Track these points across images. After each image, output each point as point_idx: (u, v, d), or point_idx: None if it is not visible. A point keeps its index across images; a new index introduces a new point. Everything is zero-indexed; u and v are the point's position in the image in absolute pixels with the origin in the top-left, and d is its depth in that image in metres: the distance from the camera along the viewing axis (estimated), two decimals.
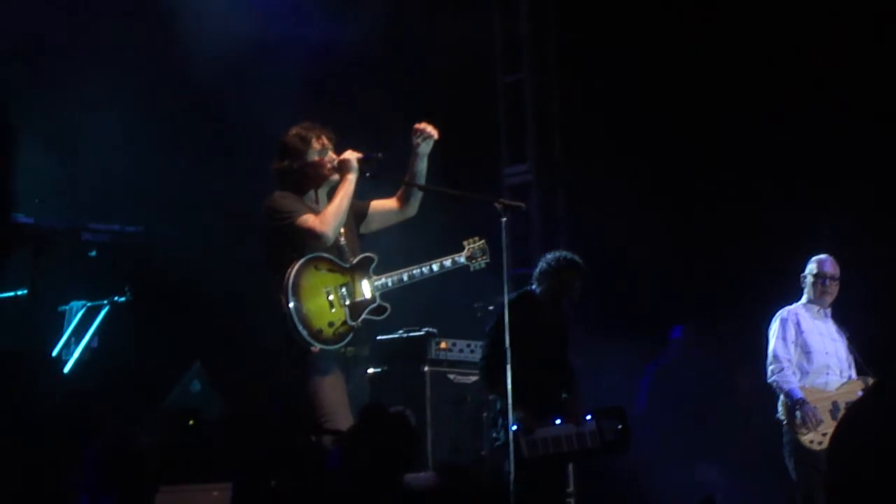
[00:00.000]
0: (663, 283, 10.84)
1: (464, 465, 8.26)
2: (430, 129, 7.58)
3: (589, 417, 8.68)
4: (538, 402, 8.54)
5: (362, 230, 7.72)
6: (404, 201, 7.70)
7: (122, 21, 9.96)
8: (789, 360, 9.21)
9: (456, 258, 7.80)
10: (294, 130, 7.55)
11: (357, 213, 7.63)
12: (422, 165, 7.62)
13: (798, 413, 9.02)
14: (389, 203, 7.74)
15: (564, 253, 9.00)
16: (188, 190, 10.00)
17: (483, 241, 7.87)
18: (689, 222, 11.05)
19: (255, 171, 8.94)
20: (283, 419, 7.05)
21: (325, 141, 7.54)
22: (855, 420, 3.08)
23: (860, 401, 3.15)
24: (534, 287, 8.92)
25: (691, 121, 10.97)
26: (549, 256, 8.99)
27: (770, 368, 9.24)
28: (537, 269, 8.94)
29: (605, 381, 9.90)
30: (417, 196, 7.68)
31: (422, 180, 7.65)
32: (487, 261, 7.86)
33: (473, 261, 7.83)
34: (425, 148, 7.59)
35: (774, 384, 9.19)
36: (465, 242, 7.87)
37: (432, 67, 10.86)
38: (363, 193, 7.63)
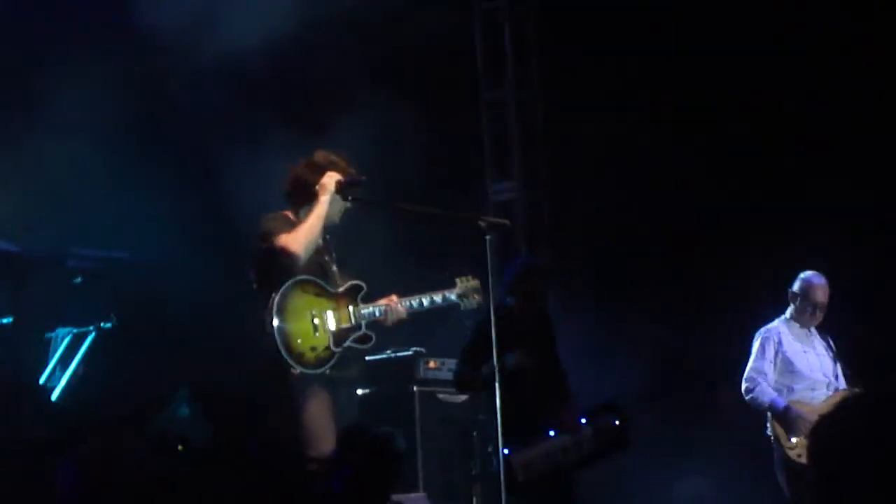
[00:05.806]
0: (650, 297, 10.78)
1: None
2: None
3: (584, 421, 8.51)
4: (529, 417, 8.32)
5: None
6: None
7: (99, 42, 9.88)
8: (765, 375, 9.13)
9: (447, 294, 7.78)
10: (326, 153, 7.56)
11: None
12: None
13: (786, 421, 8.95)
14: None
15: (524, 259, 8.86)
16: (172, 214, 9.95)
17: (476, 280, 7.81)
18: (675, 236, 11.00)
19: (239, 195, 8.95)
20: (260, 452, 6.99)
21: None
22: (830, 423, 3.08)
23: (835, 406, 3.17)
24: (507, 300, 8.63)
25: (676, 133, 10.92)
26: (511, 267, 8.77)
27: (745, 386, 9.14)
28: (504, 282, 8.66)
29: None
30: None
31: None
32: (480, 301, 7.81)
33: (465, 299, 7.81)
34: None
35: (751, 400, 9.11)
36: (457, 279, 7.82)
37: (414, 86, 10.81)
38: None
